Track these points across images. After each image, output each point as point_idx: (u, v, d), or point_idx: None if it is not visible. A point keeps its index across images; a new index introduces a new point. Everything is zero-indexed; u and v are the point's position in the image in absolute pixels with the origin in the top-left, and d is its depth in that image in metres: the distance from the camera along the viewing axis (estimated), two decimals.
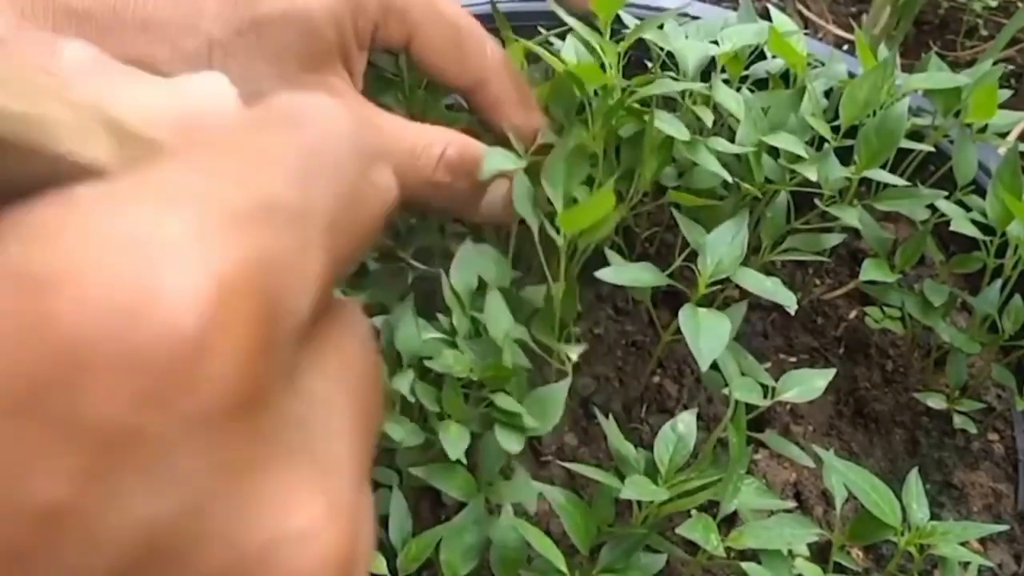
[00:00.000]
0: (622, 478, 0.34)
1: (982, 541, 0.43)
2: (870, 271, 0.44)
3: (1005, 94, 0.46)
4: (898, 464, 0.47)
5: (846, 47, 0.90)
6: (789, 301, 0.38)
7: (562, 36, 0.44)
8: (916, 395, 0.47)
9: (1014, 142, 0.48)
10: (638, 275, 0.38)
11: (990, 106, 0.45)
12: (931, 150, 0.45)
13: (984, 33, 0.94)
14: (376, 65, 0.41)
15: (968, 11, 0.94)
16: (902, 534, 0.35)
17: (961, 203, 0.46)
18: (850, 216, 0.42)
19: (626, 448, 0.35)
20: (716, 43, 0.44)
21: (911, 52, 0.91)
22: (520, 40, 0.41)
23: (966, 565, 0.36)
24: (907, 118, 0.42)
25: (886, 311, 0.51)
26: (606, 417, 0.37)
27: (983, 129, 0.48)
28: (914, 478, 0.37)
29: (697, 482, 0.33)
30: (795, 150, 0.41)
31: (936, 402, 0.46)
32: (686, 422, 0.36)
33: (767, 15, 0.48)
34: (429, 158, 0.38)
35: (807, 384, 0.38)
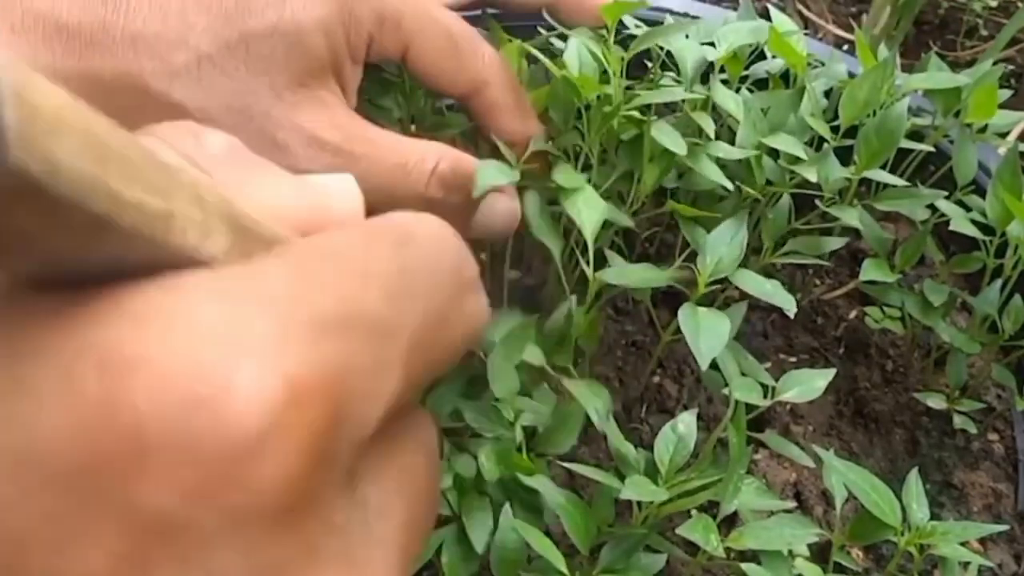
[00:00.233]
0: (622, 478, 0.33)
1: (982, 541, 0.43)
2: (870, 271, 0.44)
3: (1005, 94, 0.46)
4: (898, 464, 0.47)
5: (846, 47, 0.90)
6: (789, 304, 0.37)
7: (562, 36, 0.43)
8: (916, 395, 0.47)
9: (1014, 142, 0.48)
10: (638, 275, 0.38)
11: (990, 106, 0.45)
12: (931, 150, 0.45)
13: (984, 33, 0.95)
14: (375, 66, 0.41)
15: (968, 11, 0.94)
16: (902, 534, 0.35)
17: (961, 203, 0.46)
18: (850, 216, 0.42)
19: (626, 448, 0.35)
20: (714, 44, 0.44)
21: (911, 52, 0.91)
22: (517, 40, 0.41)
23: (966, 565, 0.36)
24: (907, 118, 0.42)
25: (886, 311, 0.51)
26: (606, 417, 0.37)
27: (983, 129, 0.48)
28: (914, 478, 0.37)
29: (697, 482, 0.33)
30: (794, 151, 0.41)
31: (936, 402, 0.46)
32: (686, 422, 0.36)
33: (767, 15, 0.48)
34: (421, 172, 0.38)
35: (807, 384, 0.38)
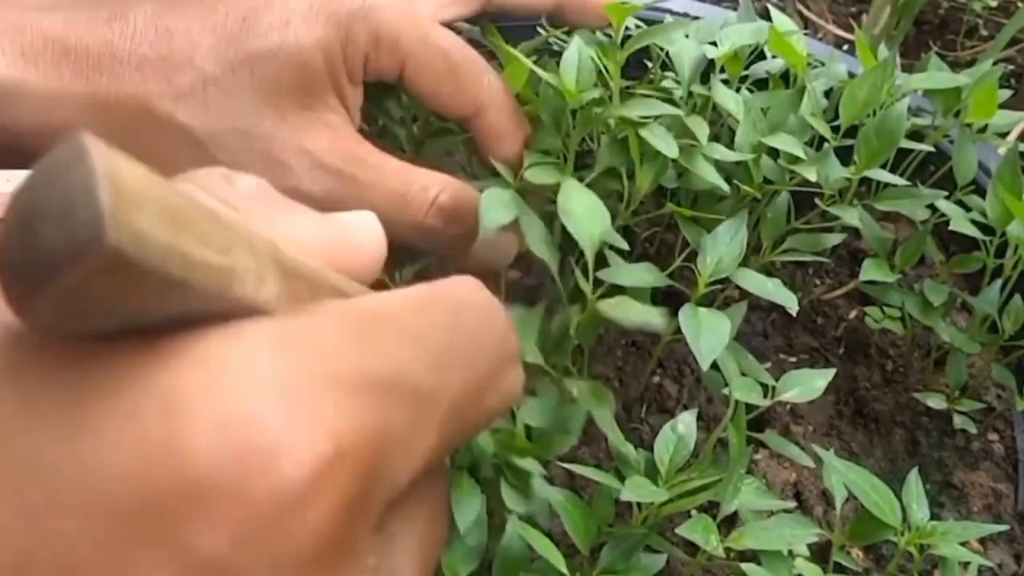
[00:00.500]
0: (622, 478, 0.33)
1: (982, 541, 0.43)
2: (870, 271, 0.44)
3: (1005, 94, 0.46)
4: (898, 464, 0.47)
5: (846, 47, 0.90)
6: (790, 302, 0.37)
7: (568, 33, 0.43)
8: (916, 395, 0.47)
9: (1014, 142, 0.48)
10: (638, 275, 0.38)
11: (990, 106, 0.45)
12: (931, 150, 0.45)
13: (984, 33, 0.95)
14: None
15: (968, 11, 0.94)
16: (902, 534, 0.35)
17: (961, 203, 0.46)
18: (850, 216, 0.42)
19: (626, 448, 0.35)
20: (715, 44, 0.44)
21: (911, 52, 0.91)
22: (523, 59, 0.40)
23: (966, 565, 0.36)
24: (907, 118, 0.42)
25: (886, 311, 0.51)
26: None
27: (983, 129, 0.48)
28: (914, 478, 0.37)
29: (697, 482, 0.33)
30: (794, 151, 0.41)
31: (936, 402, 0.46)
32: (686, 422, 0.36)
33: (767, 15, 0.48)
34: (422, 202, 0.38)
35: (807, 384, 0.38)
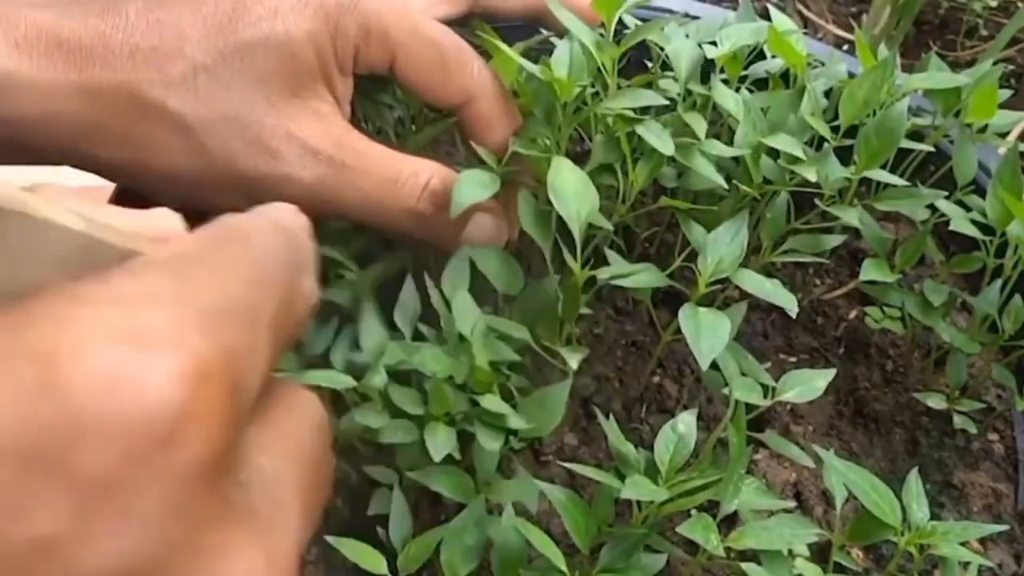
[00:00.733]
0: (622, 478, 0.33)
1: (982, 541, 0.43)
2: (870, 271, 0.44)
3: (1005, 94, 0.46)
4: (898, 464, 0.47)
5: (846, 47, 0.90)
6: (790, 303, 0.37)
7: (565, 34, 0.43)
8: (916, 395, 0.47)
9: (1014, 142, 0.48)
10: (638, 275, 0.38)
11: (990, 106, 0.45)
12: (931, 150, 0.45)
13: (984, 33, 0.95)
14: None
15: (968, 11, 0.94)
16: (902, 534, 0.35)
17: (961, 203, 0.46)
18: (850, 216, 0.42)
19: (626, 448, 0.35)
20: (715, 43, 0.44)
21: (911, 52, 0.91)
22: (512, 51, 0.41)
23: (966, 565, 0.36)
24: (907, 118, 0.42)
25: (886, 311, 0.51)
26: (606, 417, 0.37)
27: (983, 129, 0.48)
28: (914, 478, 0.37)
29: (697, 482, 0.33)
30: (793, 151, 0.41)
31: (936, 402, 0.46)
32: (686, 422, 0.36)
33: (767, 15, 0.48)
34: (413, 187, 0.38)
35: (807, 384, 0.38)
